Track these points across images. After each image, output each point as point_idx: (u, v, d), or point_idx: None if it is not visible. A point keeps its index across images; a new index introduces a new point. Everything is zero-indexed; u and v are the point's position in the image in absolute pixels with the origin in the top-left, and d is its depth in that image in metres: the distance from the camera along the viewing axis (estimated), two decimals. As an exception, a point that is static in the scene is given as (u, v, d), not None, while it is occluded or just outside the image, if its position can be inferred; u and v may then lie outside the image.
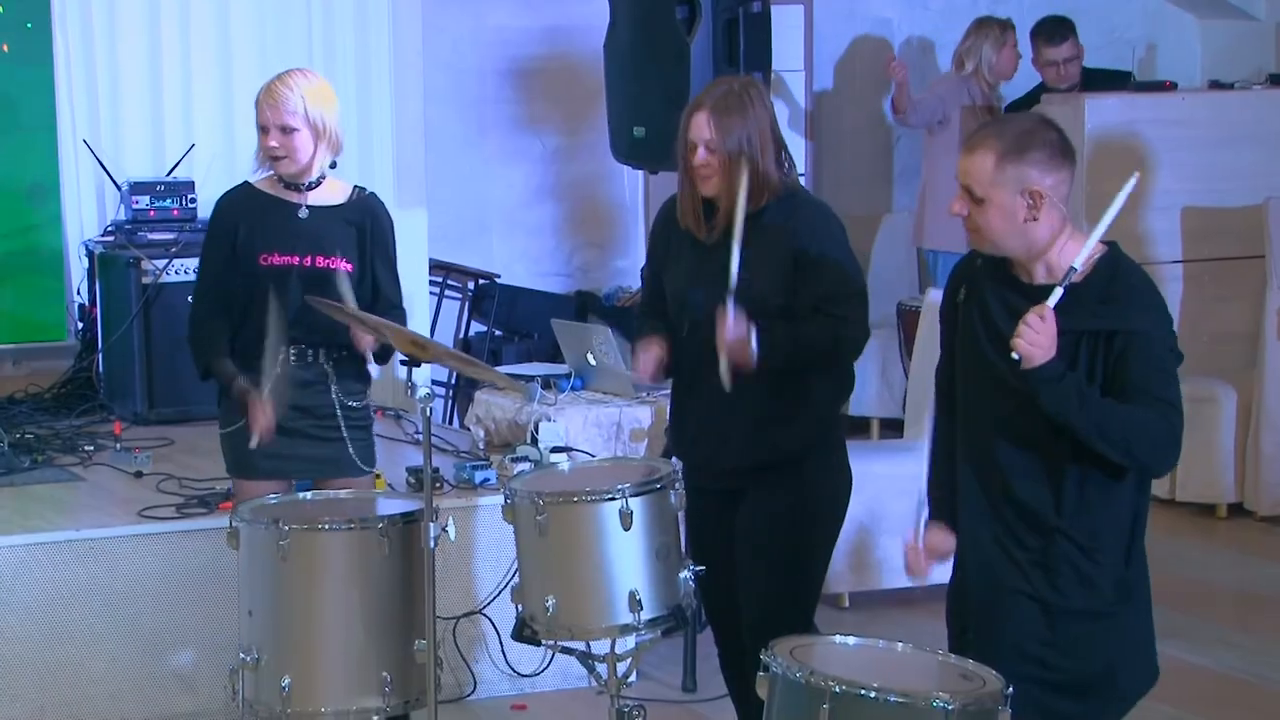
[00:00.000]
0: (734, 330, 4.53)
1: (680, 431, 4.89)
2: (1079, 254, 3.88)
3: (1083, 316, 3.86)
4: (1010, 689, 3.70)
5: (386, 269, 5.26)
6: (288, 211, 5.18)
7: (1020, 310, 3.89)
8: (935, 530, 4.18)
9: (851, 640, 4.02)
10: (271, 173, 5.22)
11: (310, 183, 5.18)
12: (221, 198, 5.30)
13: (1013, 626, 3.95)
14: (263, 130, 5.14)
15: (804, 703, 3.69)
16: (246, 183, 5.28)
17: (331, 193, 5.23)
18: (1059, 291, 3.84)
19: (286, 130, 5.11)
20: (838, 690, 3.66)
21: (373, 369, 5.33)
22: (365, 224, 5.21)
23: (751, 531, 4.75)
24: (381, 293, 5.20)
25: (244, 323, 5.17)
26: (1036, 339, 3.81)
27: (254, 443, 5.05)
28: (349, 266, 5.14)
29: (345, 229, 5.19)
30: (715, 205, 4.72)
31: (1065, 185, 3.91)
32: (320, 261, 5.13)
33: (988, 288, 4.02)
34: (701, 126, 4.68)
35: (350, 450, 5.19)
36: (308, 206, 5.19)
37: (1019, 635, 3.94)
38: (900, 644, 4.00)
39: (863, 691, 3.66)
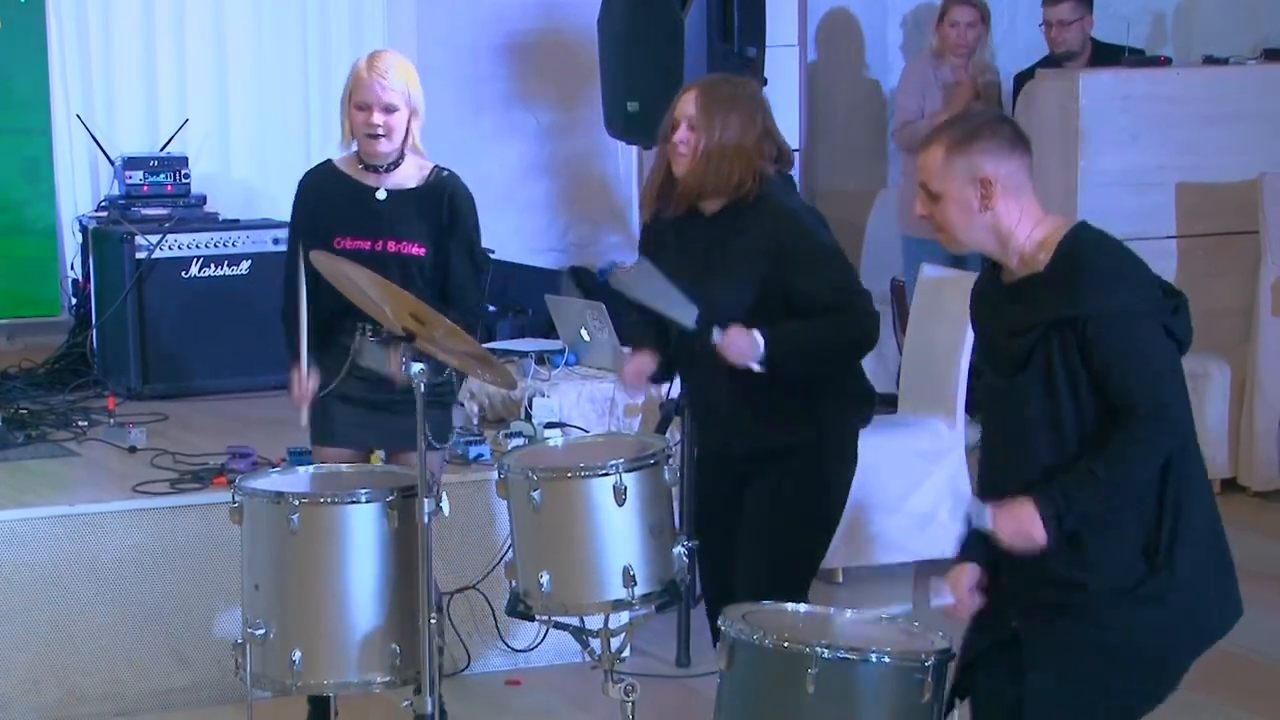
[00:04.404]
0: (735, 345, 4.58)
1: (694, 417, 4.93)
2: (1046, 238, 3.88)
3: (1043, 308, 3.85)
4: (951, 646, 3.80)
5: (462, 251, 5.22)
6: (365, 195, 5.18)
7: (1003, 313, 3.92)
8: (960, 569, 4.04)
9: (801, 608, 4.11)
10: (354, 151, 5.21)
11: (391, 164, 5.19)
12: (304, 176, 5.29)
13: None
14: (361, 108, 5.11)
15: (784, 669, 3.74)
16: (329, 161, 5.29)
17: (409, 173, 5.22)
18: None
19: (390, 109, 5.10)
20: (827, 655, 3.69)
21: None
22: (442, 206, 5.19)
23: (758, 507, 4.75)
24: (452, 275, 5.18)
25: (322, 296, 5.15)
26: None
27: (303, 419, 5.11)
28: (421, 251, 5.15)
29: (420, 213, 5.18)
30: (676, 186, 4.72)
31: (1019, 174, 3.91)
32: (392, 246, 5.14)
33: (985, 297, 4.06)
34: (688, 104, 4.68)
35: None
36: (386, 190, 5.19)
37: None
38: (849, 610, 4.10)
39: (849, 655, 3.71)
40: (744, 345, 4.56)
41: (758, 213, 4.66)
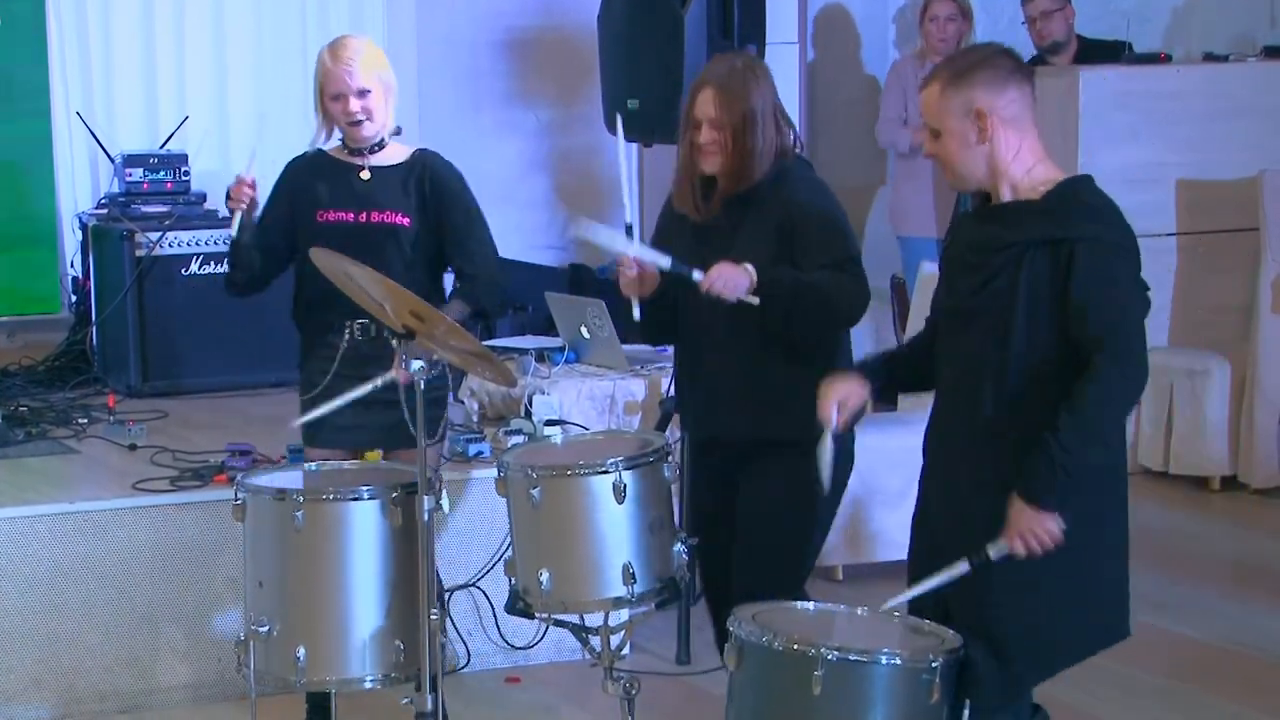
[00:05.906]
0: (722, 276, 4.54)
1: (685, 407, 4.91)
2: (1045, 179, 3.90)
3: (1028, 228, 3.87)
4: (964, 646, 3.79)
5: (458, 215, 5.25)
6: (350, 173, 5.24)
7: (980, 232, 3.94)
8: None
9: (811, 606, 4.09)
10: (339, 142, 5.26)
11: (374, 146, 5.24)
12: (290, 161, 5.33)
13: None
14: (336, 98, 5.17)
15: (791, 671, 3.73)
16: (319, 149, 5.33)
17: (392, 154, 5.30)
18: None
19: (363, 93, 5.16)
20: (831, 657, 3.68)
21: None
22: (424, 179, 5.25)
23: (751, 504, 4.75)
24: (456, 241, 5.20)
25: (305, 283, 5.21)
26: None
27: (236, 224, 5.10)
28: (405, 221, 5.20)
29: (403, 186, 5.24)
30: (713, 184, 4.72)
31: (1016, 105, 3.92)
32: (375, 217, 5.19)
33: (965, 220, 4.11)
34: (707, 104, 4.67)
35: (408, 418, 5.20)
36: (370, 168, 5.24)
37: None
38: (860, 608, 4.07)
39: (854, 657, 3.70)
40: (732, 274, 4.52)
41: (771, 190, 4.66)
